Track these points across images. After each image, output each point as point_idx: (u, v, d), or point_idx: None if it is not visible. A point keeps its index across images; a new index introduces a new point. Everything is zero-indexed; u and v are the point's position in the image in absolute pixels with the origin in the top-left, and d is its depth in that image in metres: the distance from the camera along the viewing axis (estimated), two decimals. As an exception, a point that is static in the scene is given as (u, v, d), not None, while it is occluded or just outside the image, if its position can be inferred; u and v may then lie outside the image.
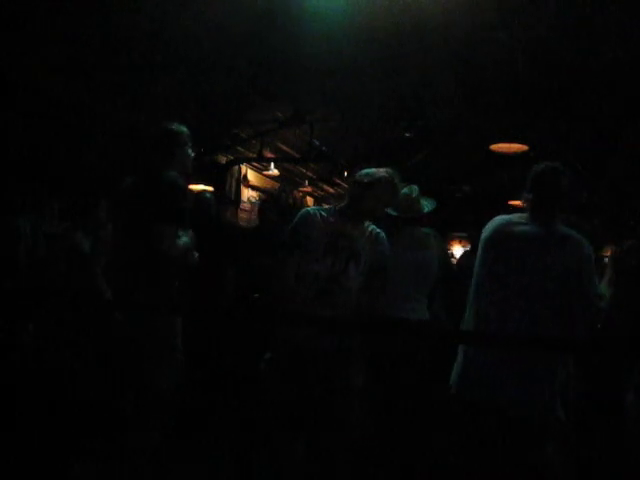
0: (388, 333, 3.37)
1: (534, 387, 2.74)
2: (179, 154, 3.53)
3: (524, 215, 3.00)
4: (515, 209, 3.33)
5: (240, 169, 9.80)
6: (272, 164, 9.78)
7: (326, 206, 3.40)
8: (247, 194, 10.24)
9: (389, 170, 3.29)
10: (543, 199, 2.95)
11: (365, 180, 3.23)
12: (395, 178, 3.27)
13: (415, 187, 4.01)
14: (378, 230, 3.31)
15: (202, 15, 5.06)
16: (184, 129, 3.60)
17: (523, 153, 7.66)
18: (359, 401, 3.23)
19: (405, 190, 3.95)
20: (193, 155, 3.66)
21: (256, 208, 10.40)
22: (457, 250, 13.41)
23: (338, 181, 11.65)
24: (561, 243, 2.85)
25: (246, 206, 10.01)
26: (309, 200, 12.52)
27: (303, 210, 3.34)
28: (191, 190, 7.97)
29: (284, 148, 9.56)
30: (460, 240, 14.35)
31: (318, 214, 3.26)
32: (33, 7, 4.93)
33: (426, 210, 3.98)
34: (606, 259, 4.06)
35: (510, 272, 2.85)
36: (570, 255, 2.82)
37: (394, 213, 3.91)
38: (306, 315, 3.05)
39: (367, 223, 3.31)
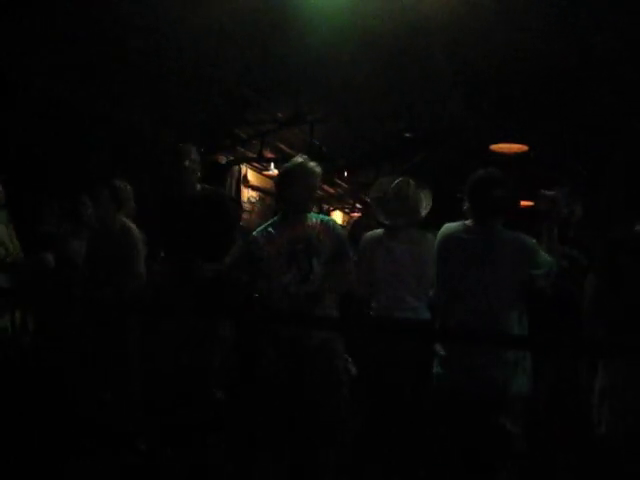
0: (389, 333, 3.38)
1: (492, 369, 2.96)
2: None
3: (468, 222, 3.17)
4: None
5: (240, 169, 9.80)
6: (272, 164, 9.78)
7: (270, 221, 3.51)
8: (247, 194, 10.23)
9: (299, 158, 3.43)
10: (479, 209, 3.12)
11: (277, 179, 3.37)
12: (307, 163, 3.39)
13: (411, 183, 3.94)
14: (327, 219, 3.43)
15: (203, 15, 5.06)
16: None
17: (523, 153, 7.67)
18: (349, 394, 3.27)
19: (401, 190, 3.91)
20: None
21: (256, 208, 10.47)
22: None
23: (338, 181, 11.64)
24: (501, 247, 3.04)
25: (246, 206, 10.01)
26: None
27: (251, 237, 3.45)
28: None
29: (284, 148, 9.56)
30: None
31: (264, 233, 3.37)
32: (33, 7, 4.93)
33: (422, 212, 3.95)
34: None
35: (462, 271, 3.07)
36: (512, 254, 3.02)
37: (387, 222, 3.91)
38: (307, 315, 3.10)
39: (311, 215, 3.40)
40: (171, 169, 3.77)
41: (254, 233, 3.45)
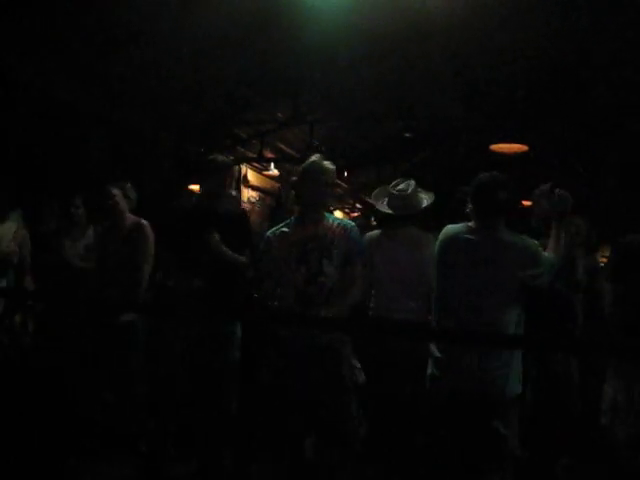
0: (386, 334, 3.37)
1: (488, 371, 2.99)
2: None
3: (471, 224, 3.20)
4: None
5: (240, 169, 9.80)
6: (272, 164, 9.78)
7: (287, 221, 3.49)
8: (247, 194, 10.24)
9: (314, 157, 3.39)
10: (483, 211, 3.16)
11: (292, 180, 3.35)
12: (320, 161, 3.36)
13: (412, 182, 3.97)
14: (346, 223, 3.40)
15: (203, 15, 5.06)
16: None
17: (523, 153, 7.67)
18: (356, 399, 3.24)
19: (401, 186, 3.94)
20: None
21: (256, 208, 10.46)
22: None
23: (338, 181, 11.65)
24: (503, 248, 3.08)
25: (246, 206, 10.01)
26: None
27: (264, 237, 3.46)
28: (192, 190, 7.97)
29: (284, 148, 9.57)
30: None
31: (278, 232, 3.37)
32: (33, 8, 4.93)
33: (423, 205, 3.95)
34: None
35: (464, 272, 3.10)
36: (515, 255, 3.06)
37: (389, 211, 3.91)
38: (304, 315, 3.08)
39: (330, 218, 3.38)
40: (215, 183, 3.80)
41: (268, 233, 3.44)
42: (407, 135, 8.61)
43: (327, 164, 3.36)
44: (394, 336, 3.53)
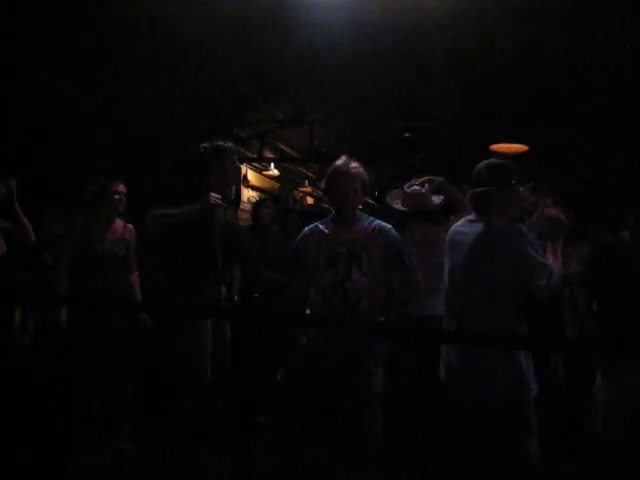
0: (406, 333, 3.34)
1: (493, 375, 2.86)
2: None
3: (470, 216, 3.13)
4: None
5: (240, 169, 9.79)
6: (272, 164, 9.78)
7: (325, 218, 3.40)
8: (247, 194, 10.23)
9: (344, 160, 3.28)
10: (473, 198, 3.09)
11: (324, 181, 3.27)
12: (343, 163, 3.25)
13: (426, 184, 3.99)
14: (383, 225, 3.28)
15: (203, 15, 5.07)
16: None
17: (523, 153, 7.67)
18: (378, 405, 3.17)
19: (415, 187, 3.96)
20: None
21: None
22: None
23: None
24: (495, 236, 2.96)
25: (246, 206, 9.99)
26: (309, 200, 12.52)
27: (301, 232, 3.37)
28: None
29: (284, 148, 9.57)
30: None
31: (315, 230, 3.30)
32: (35, 7, 4.94)
33: (436, 203, 3.95)
34: None
35: (463, 263, 3.00)
36: (506, 244, 2.93)
37: (402, 208, 3.92)
38: (323, 318, 3.04)
39: (365, 219, 3.30)
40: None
41: (306, 229, 3.37)
42: (407, 135, 8.62)
43: (350, 168, 3.25)
44: (399, 336, 3.50)
